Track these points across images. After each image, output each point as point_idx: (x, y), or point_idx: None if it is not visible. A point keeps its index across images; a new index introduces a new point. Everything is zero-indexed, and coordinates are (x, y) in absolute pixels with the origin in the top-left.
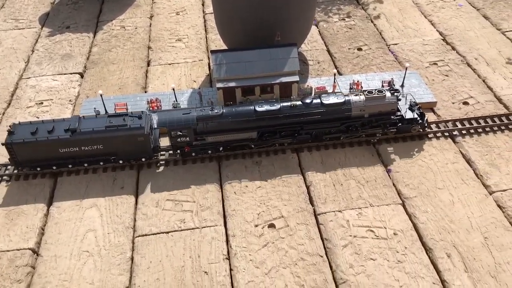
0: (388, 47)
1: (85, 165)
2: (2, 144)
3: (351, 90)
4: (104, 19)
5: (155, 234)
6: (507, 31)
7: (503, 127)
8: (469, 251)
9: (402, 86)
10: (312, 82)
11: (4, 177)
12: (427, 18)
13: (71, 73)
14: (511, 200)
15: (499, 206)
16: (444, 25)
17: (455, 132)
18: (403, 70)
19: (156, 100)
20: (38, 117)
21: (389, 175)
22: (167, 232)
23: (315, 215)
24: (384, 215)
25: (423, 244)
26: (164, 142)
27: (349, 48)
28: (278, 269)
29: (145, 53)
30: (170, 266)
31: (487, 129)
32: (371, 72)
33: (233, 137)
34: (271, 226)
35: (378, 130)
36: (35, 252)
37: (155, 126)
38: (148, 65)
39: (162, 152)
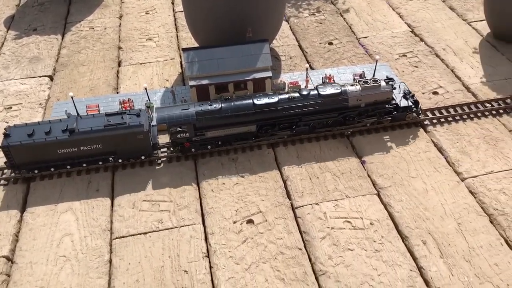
0: (358, 41)
1: (84, 165)
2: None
3: (324, 83)
4: (72, 20)
5: (133, 235)
6: (472, 22)
7: (472, 115)
8: (443, 237)
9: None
10: (285, 77)
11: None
12: (395, 11)
13: (40, 76)
14: (482, 186)
15: (471, 192)
16: (412, 17)
17: (426, 122)
18: (373, 63)
19: (128, 100)
20: (7, 122)
21: (363, 166)
22: (145, 233)
23: (293, 209)
24: (360, 205)
25: (399, 232)
26: (163, 139)
27: (320, 43)
28: (258, 264)
29: (116, 54)
30: (149, 266)
31: (457, 117)
32: (342, 65)
33: (232, 131)
34: (250, 221)
35: (374, 119)
36: (10, 259)
37: (154, 123)
38: (119, 65)
39: (162, 150)
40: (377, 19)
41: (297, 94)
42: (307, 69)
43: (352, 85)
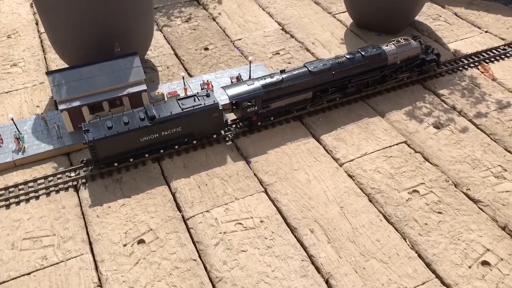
0: (233, 43)
1: (161, 151)
2: (84, 143)
3: (202, 90)
4: None
5: (15, 278)
6: (336, 14)
7: (344, 104)
8: (329, 223)
9: (250, 78)
10: (163, 88)
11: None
12: (265, 11)
13: None
14: (359, 168)
15: (349, 175)
16: (281, 15)
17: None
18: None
19: None
20: None
21: (249, 166)
22: (29, 274)
23: (184, 221)
24: (249, 205)
25: (288, 225)
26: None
27: (196, 49)
28: (153, 284)
29: None
30: None
31: (331, 107)
32: (220, 70)
33: (292, 99)
34: (141, 242)
35: (407, 74)
36: None
37: (226, 101)
38: None
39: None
40: (248, 20)
41: (344, 58)
42: (183, 77)
43: (387, 45)
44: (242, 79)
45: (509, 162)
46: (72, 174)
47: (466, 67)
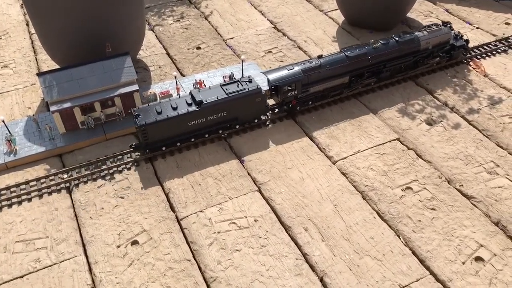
0: (225, 42)
1: (206, 135)
2: (137, 128)
3: (195, 89)
4: None
5: (8, 281)
6: (328, 11)
7: (337, 101)
8: (323, 221)
9: (242, 77)
10: (156, 88)
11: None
12: (257, 9)
13: None
14: (352, 166)
15: (342, 173)
16: (273, 13)
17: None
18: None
19: None
20: None
21: (243, 166)
22: (22, 277)
23: (178, 221)
24: (243, 204)
25: (282, 223)
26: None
27: (188, 48)
28: (147, 285)
29: None
30: None
31: (324, 105)
32: (212, 69)
33: (330, 84)
34: (134, 243)
35: (437, 59)
36: None
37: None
38: None
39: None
40: (241, 19)
41: (379, 44)
42: (175, 77)
43: (419, 31)
44: (234, 78)
45: (502, 157)
46: (65, 175)
47: (458, 63)
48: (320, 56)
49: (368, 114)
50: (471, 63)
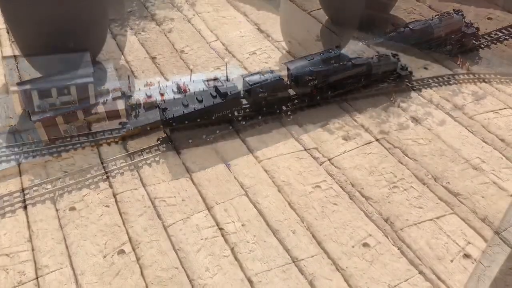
0: (209, 45)
1: (230, 127)
2: (164, 121)
3: (180, 93)
4: None
5: None
6: (311, 11)
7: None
8: (311, 223)
9: (227, 79)
10: (140, 94)
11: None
12: (240, 11)
13: None
14: (339, 166)
15: (329, 174)
16: (256, 15)
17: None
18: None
19: None
20: None
21: (229, 170)
22: None
23: (165, 228)
24: (230, 209)
25: (270, 227)
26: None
27: (171, 52)
28: None
29: None
30: None
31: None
32: (196, 72)
33: (348, 73)
34: (121, 252)
35: (449, 47)
36: None
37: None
38: None
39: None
40: (223, 22)
41: (394, 33)
42: (159, 82)
43: (432, 19)
44: (220, 81)
45: (487, 153)
46: (49, 186)
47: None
48: (338, 46)
49: (354, 113)
50: (454, 58)
